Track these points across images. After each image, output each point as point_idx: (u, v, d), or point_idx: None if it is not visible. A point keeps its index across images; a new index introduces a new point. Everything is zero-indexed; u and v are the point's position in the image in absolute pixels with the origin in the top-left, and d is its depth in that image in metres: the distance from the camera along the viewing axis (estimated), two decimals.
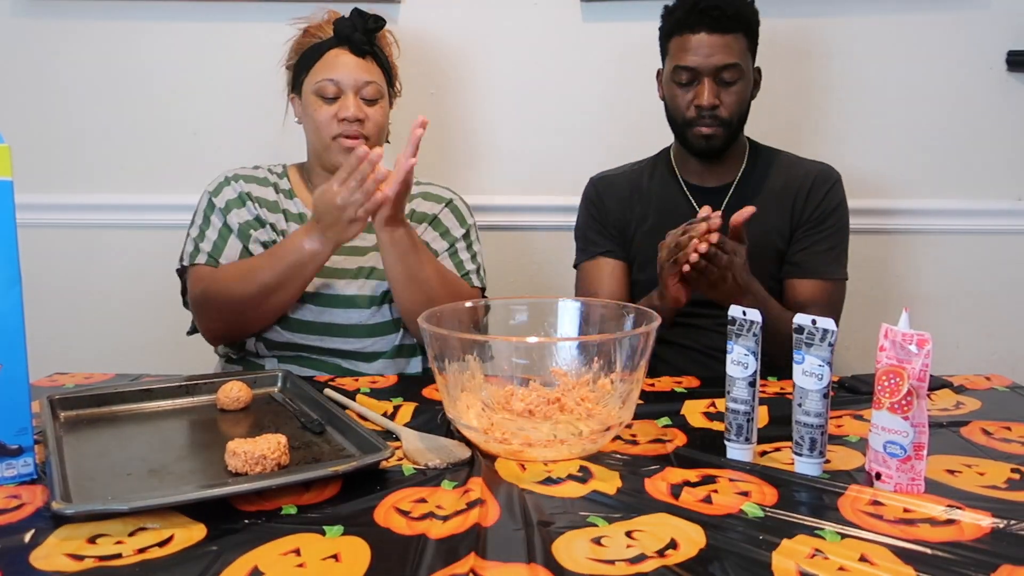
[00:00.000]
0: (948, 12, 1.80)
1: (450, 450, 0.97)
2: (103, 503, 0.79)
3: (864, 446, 0.94)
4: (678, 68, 1.43)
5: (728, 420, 0.97)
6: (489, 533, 0.77)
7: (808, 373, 0.90)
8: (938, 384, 1.23)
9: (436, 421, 1.09)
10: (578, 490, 0.87)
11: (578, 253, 1.60)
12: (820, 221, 1.47)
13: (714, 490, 0.86)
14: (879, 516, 0.80)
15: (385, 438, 0.97)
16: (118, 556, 0.73)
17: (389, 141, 1.52)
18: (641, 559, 0.72)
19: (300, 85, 1.44)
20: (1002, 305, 1.87)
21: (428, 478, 0.90)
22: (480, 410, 1.02)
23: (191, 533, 0.77)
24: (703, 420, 1.10)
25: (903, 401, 0.85)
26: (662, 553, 0.73)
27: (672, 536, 0.76)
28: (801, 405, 0.91)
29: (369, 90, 1.39)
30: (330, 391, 1.19)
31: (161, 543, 0.75)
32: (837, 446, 0.99)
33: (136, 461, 0.93)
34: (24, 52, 1.89)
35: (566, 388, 1.05)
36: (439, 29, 1.86)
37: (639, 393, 1.02)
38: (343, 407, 1.11)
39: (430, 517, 0.80)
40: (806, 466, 0.91)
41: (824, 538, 0.76)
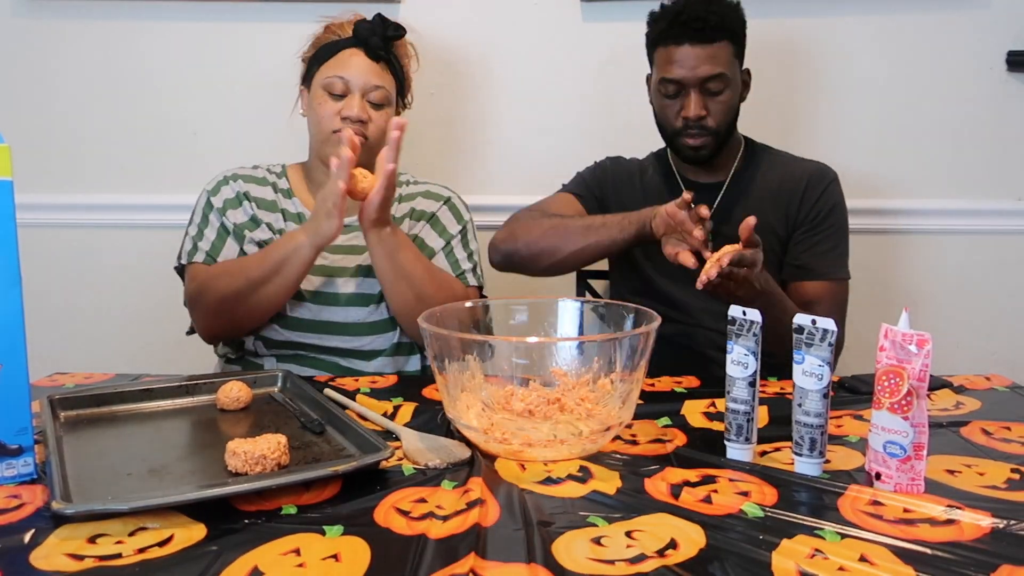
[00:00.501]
0: (948, 12, 1.80)
1: (450, 450, 0.97)
2: (103, 503, 0.79)
3: (864, 446, 0.94)
4: (664, 80, 1.44)
5: (728, 420, 0.97)
6: (489, 533, 0.77)
7: (808, 373, 0.90)
8: (938, 384, 1.23)
9: (436, 421, 1.09)
10: (578, 490, 0.87)
11: (569, 182, 1.62)
12: (817, 222, 1.47)
13: (714, 490, 0.86)
14: (879, 516, 0.80)
15: (385, 438, 0.97)
16: (118, 556, 0.73)
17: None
18: (641, 559, 0.72)
19: (311, 78, 1.44)
20: (1002, 305, 1.87)
21: (428, 478, 0.90)
22: (480, 410, 1.02)
23: (191, 533, 0.77)
24: (703, 420, 1.10)
25: (903, 401, 0.85)
26: (662, 553, 0.73)
27: (672, 536, 0.76)
28: (801, 405, 0.91)
29: (377, 95, 1.40)
30: (330, 391, 1.19)
31: (161, 543, 0.75)
32: (837, 446, 0.99)
33: (136, 461, 0.93)
34: (24, 52, 1.89)
35: (566, 388, 1.05)
36: (439, 29, 1.86)
37: (639, 393, 1.02)
38: (343, 407, 1.11)
39: (430, 517, 0.80)
40: (806, 466, 0.91)
41: (824, 538, 0.76)
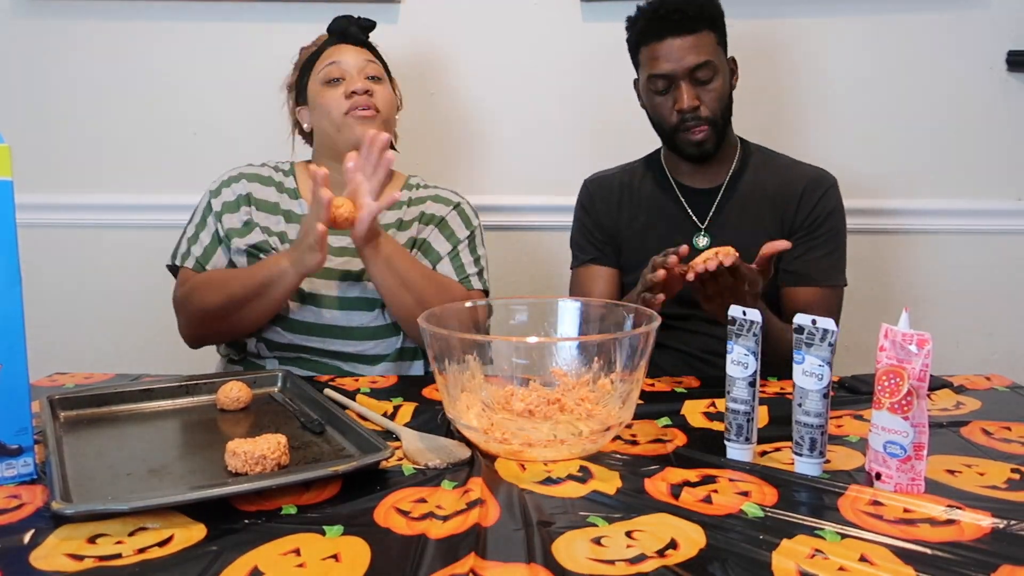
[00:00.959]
0: (948, 12, 1.80)
1: (450, 450, 0.97)
2: (103, 503, 0.79)
3: (864, 446, 0.94)
4: (653, 77, 1.43)
5: (728, 420, 0.97)
6: (489, 533, 0.77)
7: (808, 373, 0.90)
8: (938, 384, 1.23)
9: (436, 421, 1.09)
10: (578, 490, 0.87)
11: (572, 259, 1.61)
12: (814, 228, 1.46)
13: (714, 490, 0.86)
14: (879, 516, 0.80)
15: (385, 438, 0.97)
16: (118, 556, 0.73)
17: (397, 150, 1.53)
18: (641, 559, 0.72)
19: (305, 88, 1.46)
20: (1002, 305, 1.87)
21: (428, 478, 0.90)
22: (480, 410, 1.02)
23: (191, 533, 0.77)
24: (703, 420, 1.10)
25: (903, 401, 0.85)
26: (662, 553, 0.73)
27: (672, 536, 0.76)
28: (801, 405, 0.91)
29: (371, 69, 1.44)
30: (330, 391, 1.19)
31: (161, 543, 0.75)
32: (837, 446, 0.99)
33: (136, 461, 0.93)
34: (24, 52, 1.89)
35: (566, 388, 1.05)
36: (439, 29, 1.86)
37: (639, 393, 1.02)
38: (343, 407, 1.11)
39: (430, 517, 0.80)
40: (806, 466, 0.91)
41: (824, 538, 0.76)
